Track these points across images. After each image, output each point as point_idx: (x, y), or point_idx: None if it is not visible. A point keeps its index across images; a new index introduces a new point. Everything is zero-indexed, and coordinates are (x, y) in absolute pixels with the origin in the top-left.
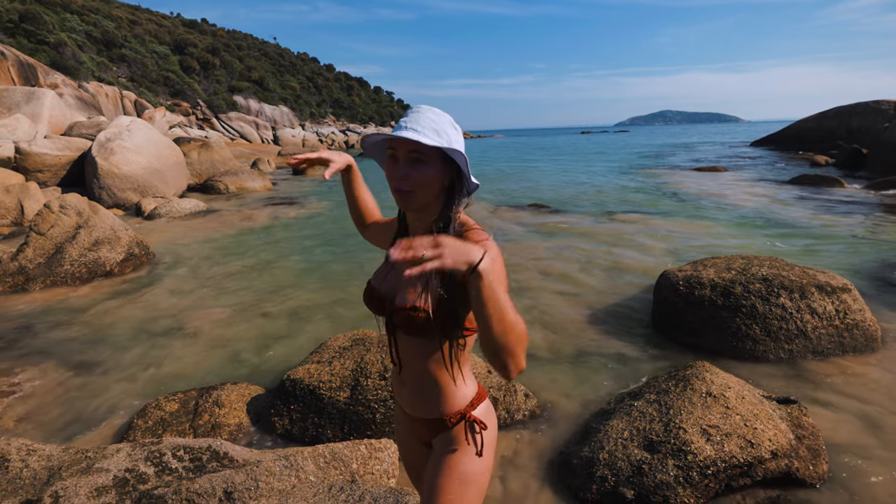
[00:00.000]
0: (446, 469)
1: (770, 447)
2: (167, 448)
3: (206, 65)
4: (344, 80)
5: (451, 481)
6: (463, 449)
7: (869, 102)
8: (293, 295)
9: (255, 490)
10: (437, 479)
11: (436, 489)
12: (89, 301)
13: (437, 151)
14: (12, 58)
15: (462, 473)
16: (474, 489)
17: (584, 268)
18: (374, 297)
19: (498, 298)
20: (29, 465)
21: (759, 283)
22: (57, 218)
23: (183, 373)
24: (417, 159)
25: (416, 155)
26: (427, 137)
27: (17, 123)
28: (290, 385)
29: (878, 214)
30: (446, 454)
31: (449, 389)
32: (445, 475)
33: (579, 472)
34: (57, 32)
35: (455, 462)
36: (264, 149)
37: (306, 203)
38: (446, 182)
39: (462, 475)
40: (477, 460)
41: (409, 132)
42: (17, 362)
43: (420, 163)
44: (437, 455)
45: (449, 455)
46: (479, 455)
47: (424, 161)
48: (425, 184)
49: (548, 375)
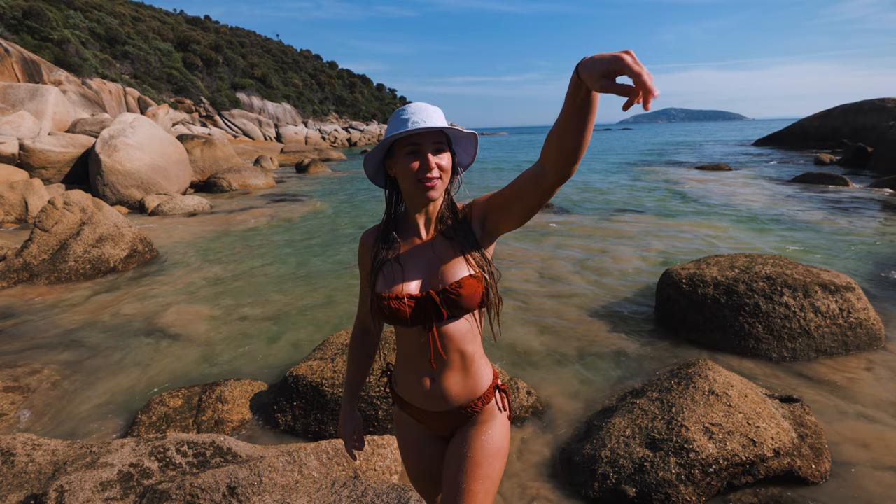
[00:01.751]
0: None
1: (772, 445)
2: (171, 443)
3: (209, 62)
4: (347, 78)
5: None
6: (493, 424)
7: (874, 100)
8: (296, 292)
9: (259, 485)
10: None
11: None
12: (93, 297)
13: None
14: (16, 54)
15: (493, 448)
16: (500, 463)
17: (586, 266)
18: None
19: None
20: (34, 459)
21: (763, 282)
22: (61, 214)
23: (186, 369)
24: (441, 149)
25: (440, 146)
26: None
27: (21, 120)
28: (292, 381)
29: (882, 213)
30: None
31: (481, 368)
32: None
33: (581, 469)
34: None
35: (488, 438)
36: (267, 146)
37: (310, 201)
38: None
39: (494, 450)
40: (504, 436)
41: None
42: (21, 358)
43: (443, 151)
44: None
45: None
46: (510, 419)
47: (445, 150)
48: (449, 169)
49: (550, 373)
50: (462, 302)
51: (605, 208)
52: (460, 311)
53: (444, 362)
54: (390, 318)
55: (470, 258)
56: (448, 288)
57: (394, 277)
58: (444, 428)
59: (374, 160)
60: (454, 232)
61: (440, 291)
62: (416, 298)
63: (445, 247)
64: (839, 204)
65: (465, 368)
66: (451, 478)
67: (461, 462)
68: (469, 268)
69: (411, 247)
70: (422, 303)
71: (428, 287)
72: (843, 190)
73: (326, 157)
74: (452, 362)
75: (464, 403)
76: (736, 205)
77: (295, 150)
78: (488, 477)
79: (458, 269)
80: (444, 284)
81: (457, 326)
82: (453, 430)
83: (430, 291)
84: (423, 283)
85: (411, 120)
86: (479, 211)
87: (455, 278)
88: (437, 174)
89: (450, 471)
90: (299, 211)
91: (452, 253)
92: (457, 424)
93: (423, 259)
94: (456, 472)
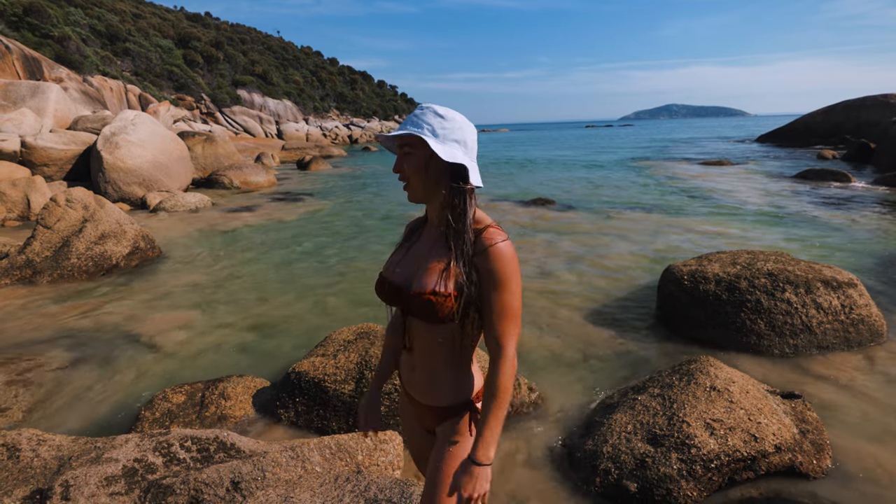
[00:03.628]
0: (449, 458)
1: (774, 441)
2: (175, 439)
3: (210, 59)
4: (347, 74)
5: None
6: (466, 438)
7: (877, 96)
8: (297, 289)
9: (262, 480)
10: (440, 466)
11: (438, 476)
12: (96, 294)
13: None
14: (17, 52)
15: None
16: None
17: (587, 262)
18: (387, 286)
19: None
20: (39, 454)
21: (765, 278)
22: (63, 212)
23: (189, 365)
24: (408, 152)
25: (407, 149)
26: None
27: (22, 117)
28: (295, 378)
29: (885, 209)
30: (450, 443)
31: (456, 379)
32: (448, 463)
33: (583, 465)
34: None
35: (459, 451)
36: (268, 143)
37: (312, 198)
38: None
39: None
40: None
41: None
42: (25, 354)
43: (410, 155)
44: (441, 443)
45: (453, 444)
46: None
47: (412, 152)
48: (418, 170)
49: (552, 369)
50: (425, 312)
51: (606, 204)
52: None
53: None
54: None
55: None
56: (413, 294)
57: (393, 261)
58: (422, 421)
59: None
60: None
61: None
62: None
63: (440, 253)
64: (842, 200)
65: (437, 369)
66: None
67: (434, 472)
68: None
69: (420, 241)
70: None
71: (409, 282)
72: (846, 186)
73: (328, 154)
74: (423, 359)
75: (434, 403)
76: (738, 201)
77: (296, 147)
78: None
79: (433, 279)
80: (416, 288)
81: (429, 329)
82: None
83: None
84: (406, 276)
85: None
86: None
87: (427, 288)
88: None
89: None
90: (301, 208)
91: (440, 261)
92: (433, 423)
93: (418, 255)
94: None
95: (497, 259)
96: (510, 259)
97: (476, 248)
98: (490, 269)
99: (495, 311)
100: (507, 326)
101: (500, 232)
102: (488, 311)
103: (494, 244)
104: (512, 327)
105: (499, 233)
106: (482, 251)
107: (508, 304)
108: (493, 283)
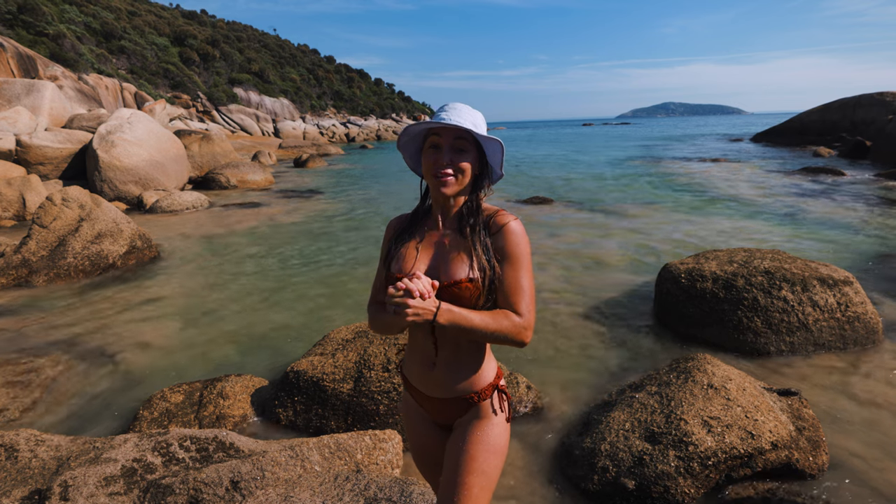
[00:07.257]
0: (476, 439)
1: (770, 438)
2: (174, 438)
3: (206, 57)
4: (344, 72)
5: (480, 450)
6: (492, 421)
7: (873, 94)
8: (295, 288)
9: (262, 479)
10: (465, 447)
11: (465, 456)
12: (93, 293)
13: (474, 142)
14: (11, 50)
15: (491, 444)
16: (498, 460)
17: (584, 260)
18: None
19: (470, 328)
20: (38, 455)
21: (761, 276)
22: (59, 211)
23: (187, 364)
24: (462, 148)
25: (461, 143)
26: (475, 127)
27: (17, 116)
28: (293, 377)
29: (881, 207)
30: (477, 427)
31: (481, 364)
32: (475, 444)
33: (581, 462)
34: (56, 24)
35: (485, 434)
36: (265, 141)
37: (308, 196)
38: (477, 171)
39: (491, 446)
40: (503, 434)
41: (461, 121)
42: (23, 354)
43: (464, 151)
44: (466, 428)
45: (480, 427)
46: (508, 421)
47: (466, 150)
48: (468, 170)
49: (550, 367)
50: (459, 301)
51: (603, 202)
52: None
53: (445, 350)
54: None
55: (475, 260)
56: (447, 285)
57: (406, 260)
58: (441, 416)
59: (411, 150)
60: (471, 232)
61: (442, 286)
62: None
63: (457, 244)
64: (838, 198)
65: (464, 360)
66: (448, 471)
67: (458, 455)
68: (471, 270)
69: (428, 237)
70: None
71: (435, 276)
72: (842, 184)
73: (325, 152)
74: (452, 352)
75: (460, 394)
76: (734, 199)
77: (293, 145)
78: (484, 472)
79: (460, 268)
80: (446, 280)
81: None
82: (452, 422)
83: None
84: (428, 272)
85: (441, 115)
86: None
87: (455, 277)
88: (451, 171)
89: (447, 465)
90: (299, 206)
91: (460, 252)
92: (454, 416)
93: (434, 250)
94: (453, 466)
95: (510, 236)
96: (522, 235)
97: (491, 230)
98: (504, 247)
99: (512, 286)
100: (524, 298)
101: (509, 214)
102: (506, 286)
103: (507, 223)
104: (528, 299)
105: (509, 214)
106: (497, 231)
107: (523, 277)
108: (508, 259)
